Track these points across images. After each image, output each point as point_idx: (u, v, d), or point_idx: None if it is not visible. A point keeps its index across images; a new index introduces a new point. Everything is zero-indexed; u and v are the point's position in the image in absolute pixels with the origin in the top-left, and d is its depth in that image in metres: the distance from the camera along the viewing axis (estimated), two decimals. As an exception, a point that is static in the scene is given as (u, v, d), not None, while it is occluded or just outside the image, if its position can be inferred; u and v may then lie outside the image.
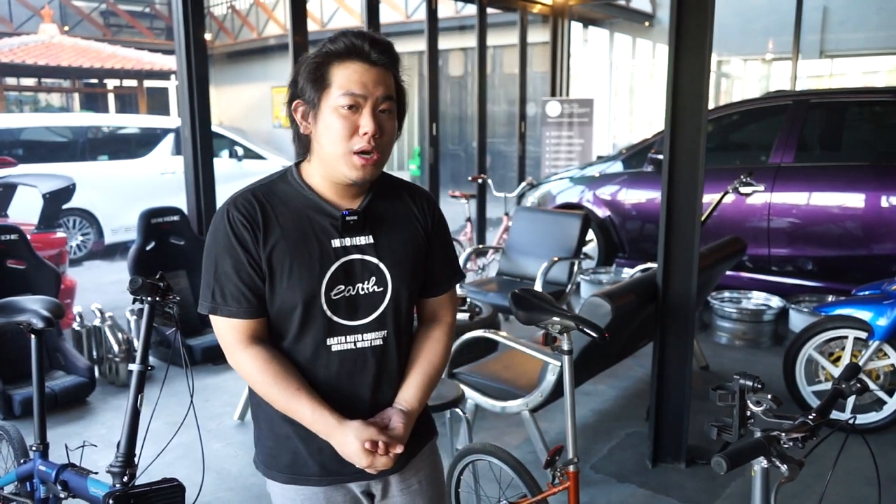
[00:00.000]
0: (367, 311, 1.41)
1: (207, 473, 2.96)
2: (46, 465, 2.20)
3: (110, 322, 4.37)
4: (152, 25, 17.12)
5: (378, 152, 1.34)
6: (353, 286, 1.39)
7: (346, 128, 1.31)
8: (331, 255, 1.38)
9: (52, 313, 2.28)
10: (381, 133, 1.33)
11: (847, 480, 2.94)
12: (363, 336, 1.41)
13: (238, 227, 1.35)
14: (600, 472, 3.22)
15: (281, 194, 1.40)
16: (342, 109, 1.31)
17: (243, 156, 10.12)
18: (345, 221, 1.38)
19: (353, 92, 1.31)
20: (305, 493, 1.46)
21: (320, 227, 1.39)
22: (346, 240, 1.39)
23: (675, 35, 3.03)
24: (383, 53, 1.34)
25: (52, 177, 5.80)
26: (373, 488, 1.50)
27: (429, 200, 1.52)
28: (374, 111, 1.32)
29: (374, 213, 1.43)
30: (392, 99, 1.35)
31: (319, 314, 1.37)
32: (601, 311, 2.76)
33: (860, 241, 4.99)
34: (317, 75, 1.33)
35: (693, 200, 3.08)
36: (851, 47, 10.78)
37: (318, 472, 1.43)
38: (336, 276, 1.38)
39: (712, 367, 4.49)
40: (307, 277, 1.35)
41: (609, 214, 6.14)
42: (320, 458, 1.42)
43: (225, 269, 1.36)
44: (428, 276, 1.51)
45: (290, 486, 1.46)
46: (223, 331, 1.39)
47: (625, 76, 13.39)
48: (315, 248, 1.37)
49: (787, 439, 1.29)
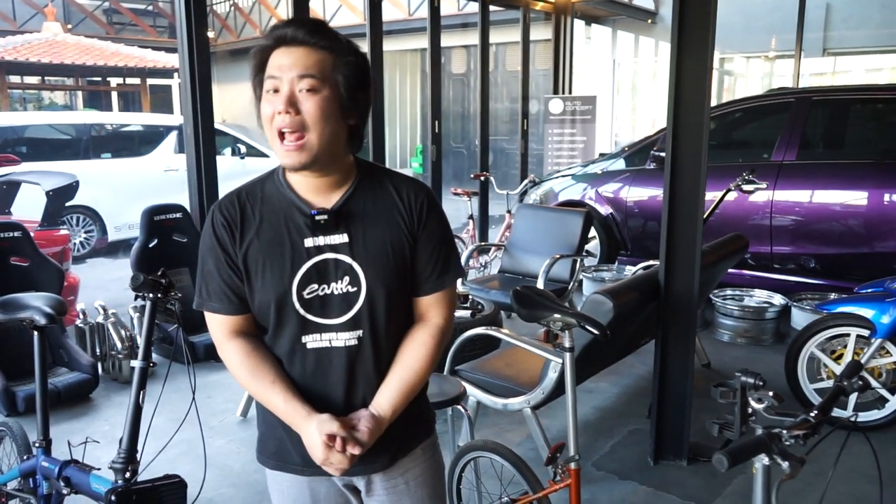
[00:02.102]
0: (341, 311, 1.39)
1: (210, 470, 2.97)
2: (49, 462, 2.21)
3: (113, 319, 4.38)
4: (155, 23, 17.13)
5: (301, 131, 1.31)
6: (328, 285, 1.38)
7: (269, 110, 1.32)
8: (303, 255, 1.38)
9: (55, 310, 2.28)
10: (298, 111, 1.30)
11: (849, 478, 2.94)
12: (338, 335, 1.40)
13: (219, 228, 1.40)
14: (602, 470, 3.22)
15: (264, 194, 1.43)
16: (267, 94, 1.33)
17: (246, 153, 10.13)
18: (315, 221, 1.37)
19: (271, 75, 1.32)
20: (291, 481, 1.50)
21: (295, 226, 1.39)
22: (318, 238, 1.38)
23: (677, 33, 3.03)
24: (301, 29, 1.32)
25: (56, 174, 5.81)
26: (356, 483, 1.51)
27: (418, 193, 1.45)
28: (292, 90, 1.30)
29: (350, 211, 1.40)
30: (312, 76, 1.30)
31: (293, 312, 1.38)
32: (603, 308, 2.76)
33: (863, 238, 4.98)
34: (256, 67, 1.37)
35: (695, 198, 3.08)
36: (854, 45, 10.74)
37: (301, 463, 1.45)
38: (308, 276, 1.37)
39: (714, 365, 4.48)
40: (279, 276, 1.37)
41: (611, 212, 6.14)
42: (301, 450, 1.41)
43: (209, 268, 1.41)
44: (415, 274, 1.45)
45: (277, 472, 1.51)
46: (212, 325, 1.45)
47: (627, 74, 13.36)
48: (287, 248, 1.38)
49: (788, 437, 1.29)
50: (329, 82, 1.32)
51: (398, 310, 1.45)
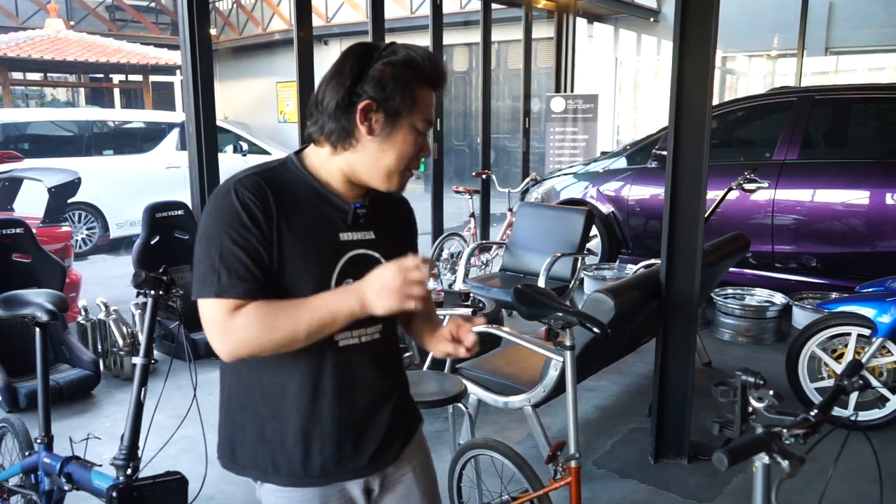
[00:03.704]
0: None
1: (211, 467, 2.96)
2: (51, 458, 2.22)
3: (115, 316, 4.38)
4: (157, 20, 17.12)
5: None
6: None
7: (415, 149, 1.36)
8: (340, 248, 1.37)
9: (57, 307, 2.29)
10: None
11: (849, 477, 2.94)
12: (367, 330, 1.41)
13: (248, 203, 1.27)
14: (602, 468, 3.23)
15: (284, 181, 1.35)
16: (416, 131, 1.35)
17: (248, 151, 10.13)
18: (356, 214, 1.38)
19: (429, 119, 1.37)
20: (303, 494, 1.41)
21: (328, 219, 1.37)
22: (353, 234, 1.39)
23: (679, 31, 3.03)
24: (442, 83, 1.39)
25: (58, 171, 5.82)
26: (372, 483, 1.48)
27: (405, 203, 1.57)
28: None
29: (374, 210, 1.43)
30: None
31: None
32: (604, 307, 2.76)
33: (864, 238, 4.98)
34: (406, 89, 1.31)
35: (697, 197, 3.08)
36: (857, 44, 10.72)
37: (319, 473, 1.40)
38: (345, 270, 1.36)
39: (715, 364, 4.49)
40: (318, 269, 1.33)
41: (613, 210, 6.14)
42: (320, 459, 1.39)
43: (229, 246, 1.26)
44: None
45: (288, 489, 1.41)
46: (213, 311, 1.27)
47: (629, 72, 13.35)
48: (325, 240, 1.35)
49: (788, 435, 1.29)
50: None
51: None
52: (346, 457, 1.41)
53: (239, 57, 16.62)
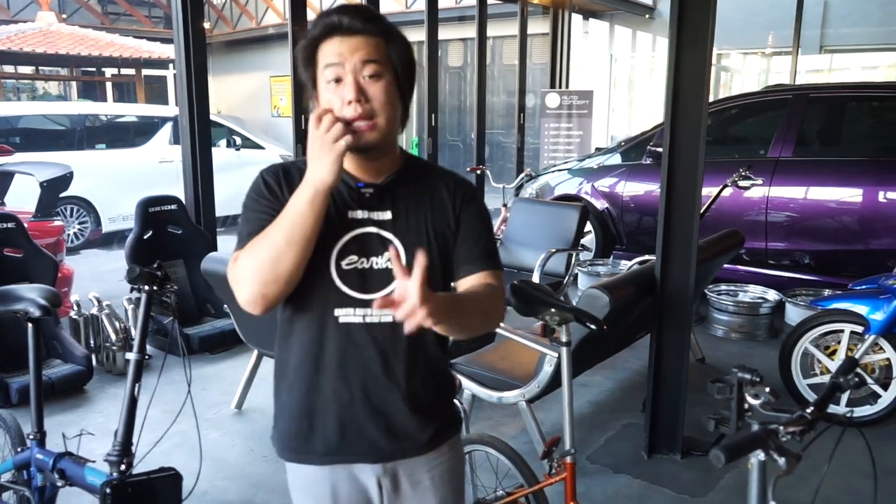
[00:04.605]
0: (378, 287, 1.37)
1: (204, 462, 2.95)
2: (44, 454, 2.21)
3: (107, 311, 4.36)
4: (150, 14, 17.03)
5: (373, 118, 1.33)
6: (367, 259, 1.39)
7: (336, 101, 1.32)
8: (345, 225, 1.39)
9: (50, 302, 2.27)
10: (367, 98, 1.33)
11: (842, 473, 2.95)
12: (372, 311, 1.37)
13: (269, 181, 1.41)
14: (596, 463, 3.23)
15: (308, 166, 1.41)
16: (329, 84, 1.33)
17: (241, 145, 10.09)
18: (360, 194, 1.39)
19: (331, 62, 1.33)
20: (312, 476, 1.46)
21: (340, 197, 1.40)
22: (363, 212, 1.40)
23: (676, 28, 3.02)
24: (356, 18, 1.34)
25: (50, 165, 5.78)
26: (383, 478, 1.46)
27: (460, 184, 1.49)
28: (356, 78, 1.32)
29: (396, 190, 1.42)
30: (375, 62, 1.33)
31: (329, 282, 1.38)
32: (599, 303, 2.76)
33: (858, 235, 5.00)
34: (306, 58, 1.37)
35: (692, 194, 3.09)
36: (851, 42, 10.74)
37: (323, 451, 1.43)
38: (348, 247, 1.38)
39: (708, 360, 4.50)
40: (320, 243, 1.34)
41: (607, 206, 6.15)
42: (325, 435, 1.41)
43: (251, 216, 1.39)
44: (457, 257, 1.45)
45: (297, 465, 1.47)
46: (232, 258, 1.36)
47: (624, 69, 13.35)
48: (331, 216, 1.37)
49: (785, 433, 1.29)
50: (388, 66, 1.35)
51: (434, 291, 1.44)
52: (350, 437, 1.41)
53: (233, 51, 16.54)
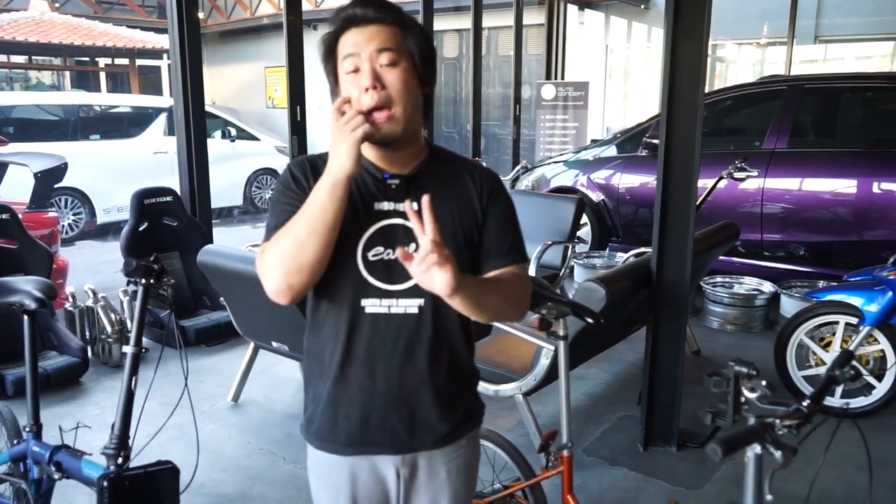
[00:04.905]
0: (405, 277, 1.36)
1: (201, 454, 2.95)
2: (40, 447, 2.20)
3: (103, 302, 4.35)
4: (144, 3, 16.88)
5: (390, 107, 1.34)
6: (393, 250, 1.38)
7: (354, 91, 1.35)
8: (371, 216, 1.40)
9: (45, 294, 2.27)
10: (384, 85, 1.34)
11: (837, 464, 2.97)
12: (398, 302, 1.39)
13: (296, 173, 1.42)
14: (592, 456, 3.25)
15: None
16: (348, 75, 1.36)
17: (236, 136, 10.06)
18: (386, 185, 1.40)
19: (349, 53, 1.35)
20: (332, 463, 1.48)
21: (366, 188, 1.41)
22: (389, 203, 1.40)
23: (672, 19, 3.01)
24: (369, 7, 1.37)
25: (44, 156, 5.75)
26: (403, 469, 1.48)
27: (487, 175, 1.50)
28: (373, 66, 1.34)
29: (422, 181, 1.42)
30: (391, 50, 1.35)
31: (355, 272, 1.39)
32: (596, 296, 2.76)
33: (852, 226, 5.01)
34: (326, 54, 1.41)
35: (688, 186, 3.09)
36: (846, 32, 10.74)
37: (346, 441, 1.45)
38: (374, 238, 1.39)
39: (704, 352, 4.51)
40: (344, 235, 1.35)
41: (603, 198, 6.15)
42: (349, 426, 1.43)
43: (283, 208, 1.39)
44: (485, 250, 1.46)
45: (319, 452, 1.49)
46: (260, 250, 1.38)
47: (620, 59, 13.32)
48: (355, 207, 1.38)
49: (781, 426, 1.29)
50: (405, 54, 1.37)
51: None
52: (373, 428, 1.43)
53: (227, 41, 16.44)
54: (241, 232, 9.06)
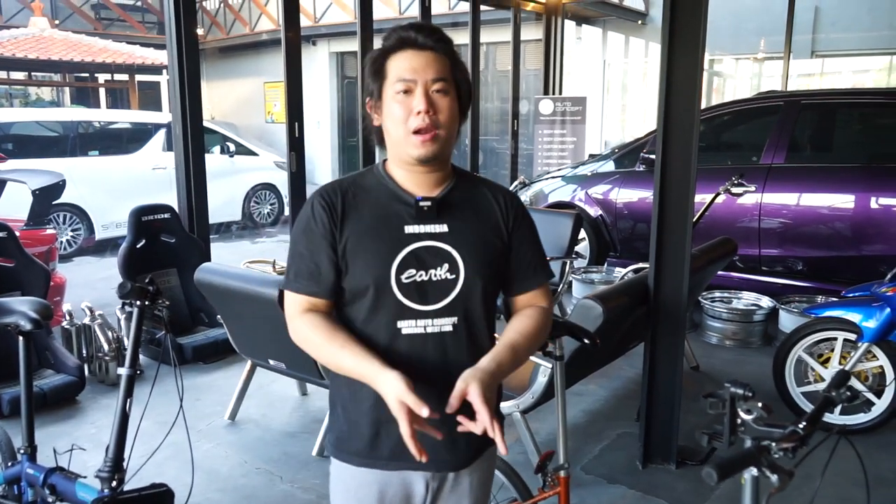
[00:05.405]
0: (438, 298, 1.44)
1: (197, 473, 2.95)
2: (34, 469, 2.19)
3: (100, 320, 4.34)
4: (144, 19, 16.99)
5: (436, 129, 1.41)
6: (426, 271, 1.44)
7: (403, 110, 1.41)
8: (403, 240, 1.44)
9: (41, 315, 2.26)
10: (436, 111, 1.41)
11: (835, 481, 2.95)
12: (433, 321, 1.44)
13: (318, 211, 1.45)
14: (591, 474, 3.23)
15: (365, 185, 1.50)
16: (398, 95, 1.41)
17: (235, 151, 10.08)
18: (419, 207, 1.45)
19: (404, 77, 1.40)
20: (359, 473, 1.50)
21: (396, 214, 1.46)
22: (420, 226, 1.45)
23: (668, 34, 3.02)
24: (430, 37, 1.43)
25: (42, 173, 5.75)
26: (430, 482, 1.52)
27: (512, 199, 1.56)
28: (426, 91, 1.40)
29: (451, 203, 1.48)
30: (444, 80, 1.42)
31: (390, 296, 1.43)
32: (593, 313, 2.76)
33: (850, 241, 5.01)
34: (375, 69, 1.45)
35: (685, 202, 3.08)
36: (842, 47, 10.81)
37: (388, 456, 1.47)
38: (407, 261, 1.43)
39: (703, 368, 4.50)
40: (379, 259, 1.42)
41: (601, 213, 6.15)
42: (391, 443, 1.45)
43: (300, 250, 1.46)
44: (513, 272, 1.54)
45: (349, 468, 1.51)
46: (288, 303, 1.49)
47: (617, 74, 13.38)
48: (388, 233, 1.44)
49: (777, 449, 1.29)
50: (453, 85, 1.44)
51: (489, 300, 1.52)
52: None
53: (226, 57, 16.53)
54: (239, 247, 9.05)
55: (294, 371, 3.50)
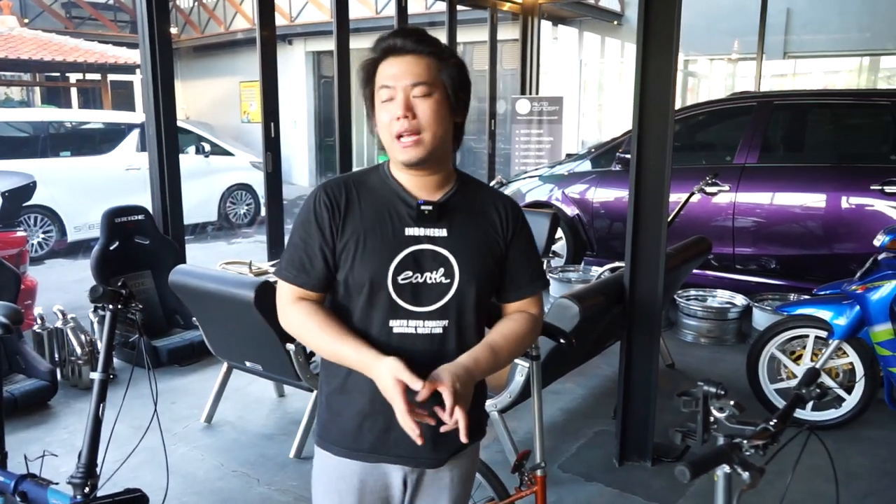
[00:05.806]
0: (432, 300, 1.47)
1: (173, 477, 2.91)
2: (5, 476, 2.15)
3: (73, 324, 4.27)
4: (116, 18, 16.76)
5: (418, 133, 1.42)
6: (422, 274, 1.46)
7: (388, 117, 1.43)
8: (402, 242, 1.46)
9: (10, 320, 2.22)
10: (415, 115, 1.42)
11: (807, 476, 2.99)
12: (424, 323, 1.47)
13: (320, 205, 1.48)
14: (568, 472, 3.25)
15: (369, 183, 1.52)
16: (383, 104, 1.44)
17: (210, 152, 9.99)
18: (420, 210, 1.46)
19: (386, 84, 1.43)
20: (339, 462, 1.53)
21: (398, 215, 1.48)
22: (420, 229, 1.47)
23: (643, 35, 3.05)
24: (409, 39, 1.44)
25: (12, 174, 5.68)
26: (410, 477, 1.54)
27: (511, 206, 1.58)
28: (406, 97, 1.42)
29: (451, 208, 1.50)
30: (425, 83, 1.42)
31: (385, 295, 1.45)
32: (569, 312, 2.77)
33: (822, 240, 5.09)
34: (365, 78, 1.49)
35: (660, 202, 3.11)
36: (813, 49, 10.98)
37: (368, 449, 1.50)
38: (405, 262, 1.45)
39: (678, 365, 4.55)
40: (377, 258, 1.45)
41: (578, 213, 6.19)
42: (371, 437, 1.49)
43: (295, 241, 1.50)
44: (508, 279, 1.57)
45: (331, 458, 1.54)
46: (280, 291, 1.52)
47: (594, 74, 13.47)
48: (388, 233, 1.46)
49: (749, 447, 1.31)
50: (438, 86, 1.44)
51: (482, 306, 1.54)
52: (393, 440, 1.48)
53: (201, 56, 16.37)
54: (215, 248, 8.97)
55: (271, 373, 3.48)
